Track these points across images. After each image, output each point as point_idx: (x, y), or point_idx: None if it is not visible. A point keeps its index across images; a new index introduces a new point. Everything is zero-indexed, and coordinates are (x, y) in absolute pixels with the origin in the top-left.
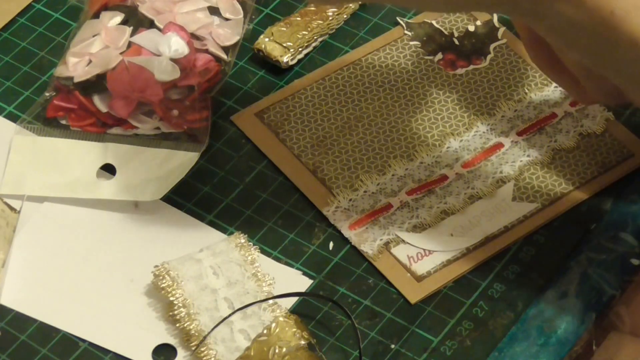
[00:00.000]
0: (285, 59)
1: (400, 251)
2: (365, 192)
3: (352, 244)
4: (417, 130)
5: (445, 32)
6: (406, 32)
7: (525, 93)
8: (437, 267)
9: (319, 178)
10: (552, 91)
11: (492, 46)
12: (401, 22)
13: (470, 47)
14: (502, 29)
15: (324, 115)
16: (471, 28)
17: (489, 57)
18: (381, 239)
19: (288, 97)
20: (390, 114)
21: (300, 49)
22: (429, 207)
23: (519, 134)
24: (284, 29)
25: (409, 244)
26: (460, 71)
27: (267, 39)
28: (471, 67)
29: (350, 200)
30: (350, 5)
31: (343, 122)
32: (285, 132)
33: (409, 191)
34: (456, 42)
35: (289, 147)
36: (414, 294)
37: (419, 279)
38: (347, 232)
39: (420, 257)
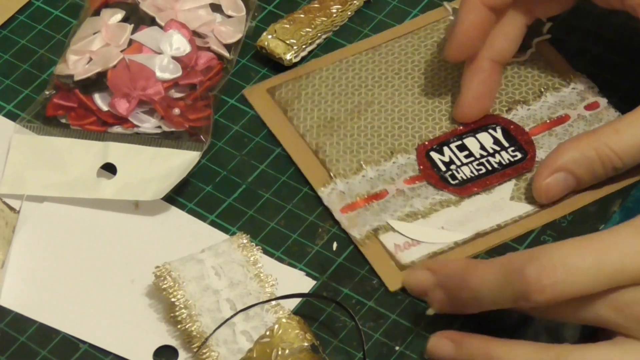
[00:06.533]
0: (288, 56)
1: (388, 238)
2: (363, 176)
3: (342, 227)
4: (426, 121)
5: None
6: (451, 17)
7: (541, 92)
8: (423, 258)
9: (320, 159)
10: (569, 93)
11: (535, 40)
12: (447, 6)
13: None
14: (548, 24)
15: (335, 97)
16: None
17: (529, 51)
18: (371, 225)
19: (302, 76)
20: (402, 101)
21: (303, 47)
22: (424, 198)
23: (530, 133)
24: (287, 26)
25: (398, 232)
26: None
27: (270, 36)
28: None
29: (347, 183)
30: (355, 1)
31: (353, 105)
32: (293, 110)
33: (407, 180)
34: None
35: (295, 125)
36: (393, 282)
37: (402, 268)
38: (338, 215)
39: (407, 247)
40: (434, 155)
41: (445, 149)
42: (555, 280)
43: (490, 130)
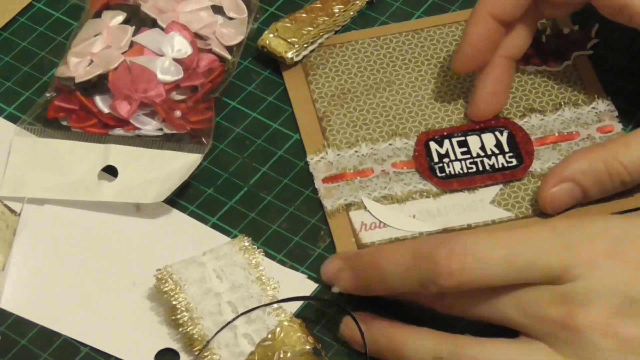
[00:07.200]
0: (289, 54)
1: (357, 216)
2: (356, 152)
3: (319, 195)
4: (439, 111)
5: (538, 27)
6: None
7: (560, 105)
8: (384, 242)
9: (322, 127)
10: (587, 112)
11: (575, 54)
12: None
13: (554, 48)
14: (593, 41)
15: (359, 71)
16: (565, 31)
17: (565, 63)
18: (345, 199)
19: (336, 44)
20: (422, 87)
21: (305, 45)
22: (406, 184)
23: (534, 143)
24: (289, 24)
25: (368, 211)
26: (530, 68)
27: (271, 35)
28: (543, 67)
29: (339, 155)
30: (357, 2)
31: (374, 82)
32: (315, 75)
33: (397, 163)
34: (543, 39)
35: (311, 90)
36: None
37: (361, 247)
38: (318, 183)
39: (372, 227)
40: (433, 145)
41: (446, 141)
42: (465, 266)
43: (496, 133)
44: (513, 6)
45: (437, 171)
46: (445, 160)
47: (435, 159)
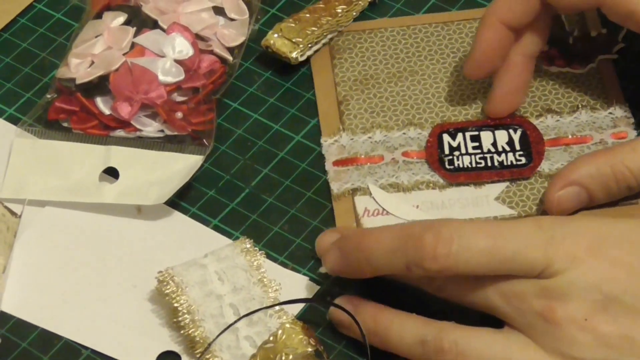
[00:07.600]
0: (294, 54)
1: (361, 201)
2: (369, 138)
3: (327, 177)
4: (457, 105)
5: (566, 28)
6: None
7: (578, 107)
8: None
9: (340, 110)
10: (604, 117)
11: (600, 57)
12: None
13: (580, 51)
14: (619, 45)
15: (384, 58)
16: (593, 33)
17: (590, 66)
18: (352, 184)
19: (365, 30)
20: (444, 79)
21: (309, 45)
22: (414, 173)
23: (546, 144)
24: (293, 25)
25: (373, 198)
26: (553, 69)
27: (275, 35)
28: (566, 69)
29: (352, 139)
30: (360, 2)
31: (397, 70)
32: (341, 59)
33: (407, 153)
34: (570, 41)
35: (335, 73)
36: None
37: None
38: (329, 166)
39: (375, 214)
40: (445, 137)
41: (459, 135)
42: (450, 251)
43: (510, 130)
44: (523, 13)
45: (446, 163)
46: (456, 153)
47: (446, 151)
